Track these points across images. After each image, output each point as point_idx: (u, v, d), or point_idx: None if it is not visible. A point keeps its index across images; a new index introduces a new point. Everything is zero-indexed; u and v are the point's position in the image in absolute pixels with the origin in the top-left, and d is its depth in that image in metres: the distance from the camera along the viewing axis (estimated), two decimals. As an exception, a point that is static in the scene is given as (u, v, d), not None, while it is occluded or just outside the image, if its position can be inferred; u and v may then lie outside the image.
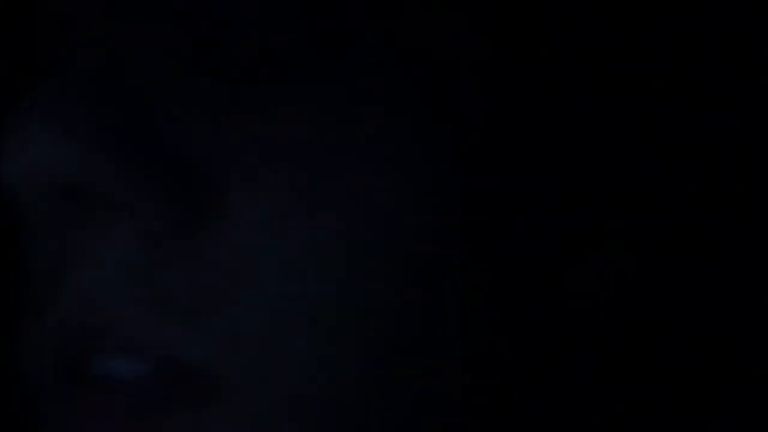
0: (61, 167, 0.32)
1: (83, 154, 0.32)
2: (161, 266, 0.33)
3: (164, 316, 0.33)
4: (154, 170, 0.33)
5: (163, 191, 0.33)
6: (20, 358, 0.36)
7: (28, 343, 0.35)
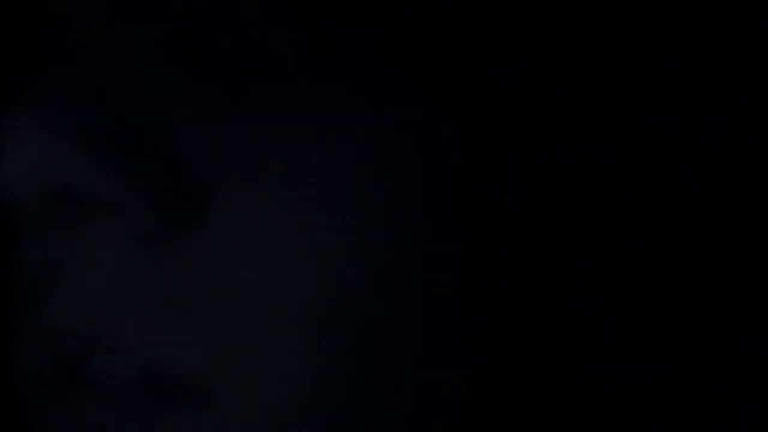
0: (53, 170, 0.32)
1: (75, 156, 0.32)
2: (154, 268, 0.33)
3: (156, 317, 0.33)
4: (146, 172, 0.33)
5: (154, 193, 0.33)
6: (18, 359, 0.36)
7: (25, 344, 0.35)
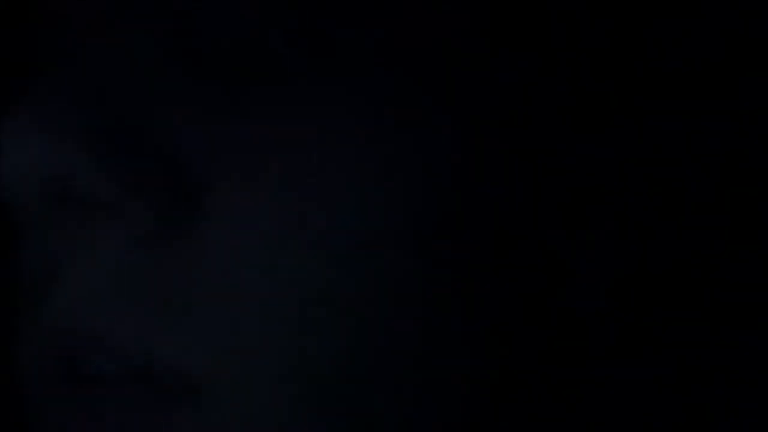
0: (53, 169, 0.32)
1: (75, 156, 0.32)
2: (153, 268, 0.33)
3: (156, 316, 0.33)
4: (145, 172, 0.33)
5: (154, 193, 0.33)
6: (18, 358, 0.36)
7: (24, 344, 0.36)
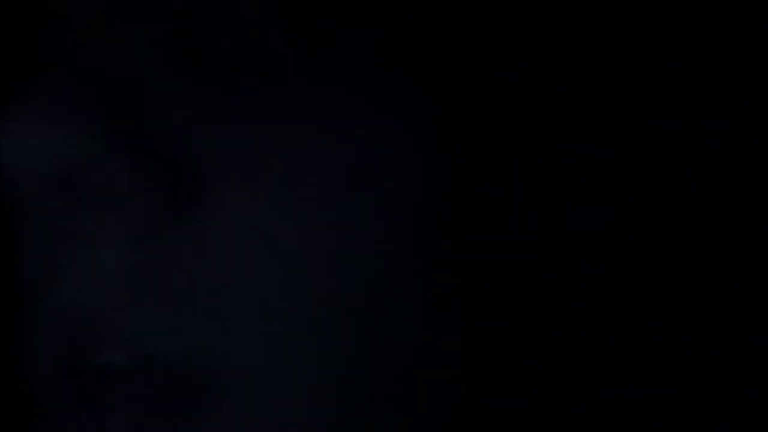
0: (57, 150, 0.33)
1: (79, 141, 0.33)
2: (155, 257, 0.33)
3: (157, 310, 0.33)
4: (147, 158, 0.33)
5: (156, 179, 0.33)
6: (20, 353, 0.36)
7: (26, 338, 0.36)
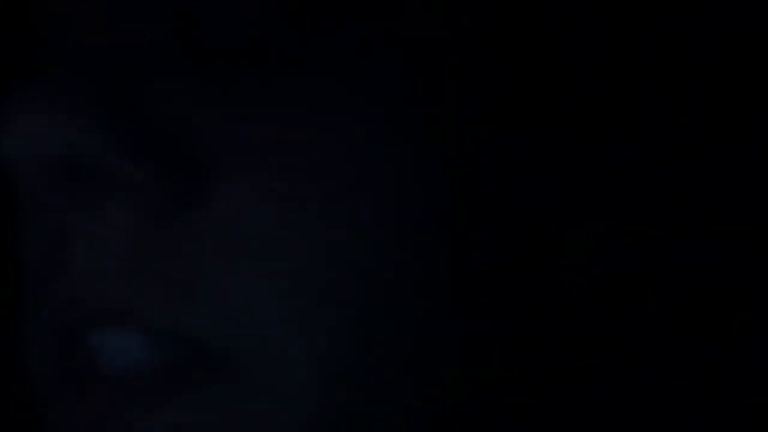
0: (59, 140, 0.33)
1: (81, 126, 0.33)
2: (158, 240, 0.34)
3: (162, 289, 0.33)
4: (148, 143, 0.33)
5: (158, 163, 0.33)
6: (25, 333, 0.36)
7: (32, 317, 0.36)
